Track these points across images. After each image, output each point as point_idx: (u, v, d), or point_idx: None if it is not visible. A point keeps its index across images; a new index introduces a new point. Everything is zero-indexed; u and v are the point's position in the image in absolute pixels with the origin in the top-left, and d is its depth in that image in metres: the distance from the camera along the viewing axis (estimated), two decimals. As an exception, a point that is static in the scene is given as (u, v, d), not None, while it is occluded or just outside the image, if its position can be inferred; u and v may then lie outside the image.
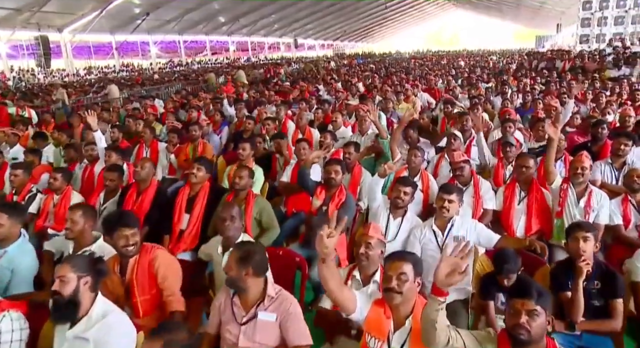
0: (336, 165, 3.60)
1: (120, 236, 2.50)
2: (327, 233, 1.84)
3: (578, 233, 2.61)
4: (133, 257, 2.58)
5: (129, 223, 2.54)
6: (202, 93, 11.64)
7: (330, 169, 3.59)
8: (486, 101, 7.69)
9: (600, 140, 4.66)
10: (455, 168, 3.79)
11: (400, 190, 3.21)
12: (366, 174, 4.35)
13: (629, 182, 3.50)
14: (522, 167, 3.66)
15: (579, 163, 3.50)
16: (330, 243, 1.85)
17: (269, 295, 2.27)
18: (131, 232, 2.52)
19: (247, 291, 2.26)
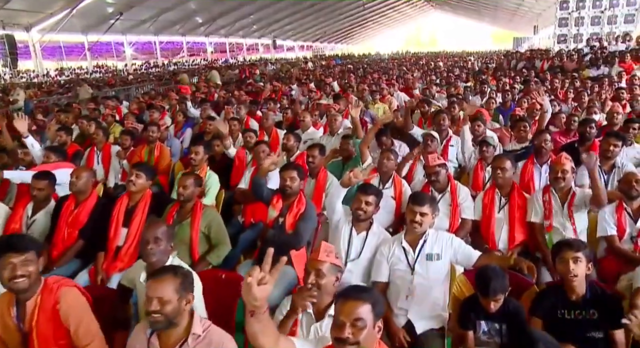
0: (292, 171, 3.15)
1: (5, 265, 1.94)
2: (257, 279, 1.36)
3: (567, 254, 2.23)
4: (31, 296, 2.04)
5: (18, 247, 1.97)
6: (172, 93, 11.05)
7: (285, 176, 3.15)
8: (464, 100, 7.34)
9: (588, 140, 4.33)
10: (430, 173, 3.37)
11: (361, 200, 2.76)
12: (332, 179, 3.91)
13: (626, 188, 3.14)
14: (498, 170, 3.28)
15: (559, 165, 3.14)
16: (261, 293, 1.38)
17: (194, 333, 1.81)
18: (20, 260, 1.94)
19: (176, 327, 1.80)
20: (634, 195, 3.10)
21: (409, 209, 2.63)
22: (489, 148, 3.99)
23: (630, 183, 3.10)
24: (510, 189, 3.32)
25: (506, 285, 2.23)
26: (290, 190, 3.14)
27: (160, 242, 2.31)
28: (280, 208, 3.15)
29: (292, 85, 11.23)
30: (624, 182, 3.17)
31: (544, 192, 3.19)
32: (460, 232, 3.32)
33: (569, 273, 2.19)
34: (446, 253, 2.57)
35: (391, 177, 3.68)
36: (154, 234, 2.31)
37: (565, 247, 2.28)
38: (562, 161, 3.16)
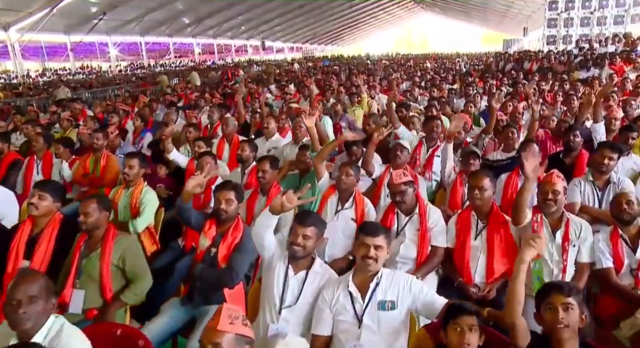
0: (227, 191, 2.62)
1: None
2: None
3: (556, 299, 1.75)
4: None
5: None
6: (142, 96, 10.45)
7: (219, 197, 2.62)
8: (446, 103, 6.85)
9: (573, 150, 3.84)
10: (395, 192, 2.84)
11: (298, 233, 2.22)
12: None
13: (616, 211, 2.67)
14: (475, 190, 2.76)
15: (550, 185, 2.64)
16: None
17: None
18: None
19: None
20: (626, 219, 2.63)
21: (360, 242, 2.10)
22: (476, 161, 3.48)
23: (621, 206, 2.64)
24: (489, 211, 2.81)
25: None
26: (226, 215, 2.60)
27: (37, 301, 1.76)
28: (213, 236, 2.61)
29: (270, 87, 10.69)
30: (614, 204, 2.71)
31: (533, 214, 2.68)
32: (430, 263, 2.81)
33: (558, 323, 1.70)
34: (403, 300, 2.05)
35: (352, 195, 3.15)
36: (28, 292, 1.74)
37: (554, 290, 1.80)
38: (552, 180, 2.67)
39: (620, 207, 2.65)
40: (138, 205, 3.42)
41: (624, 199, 2.66)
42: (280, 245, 2.31)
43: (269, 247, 2.29)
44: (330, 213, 3.14)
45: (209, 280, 2.50)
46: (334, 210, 3.14)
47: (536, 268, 2.61)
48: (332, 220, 3.10)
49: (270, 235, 2.27)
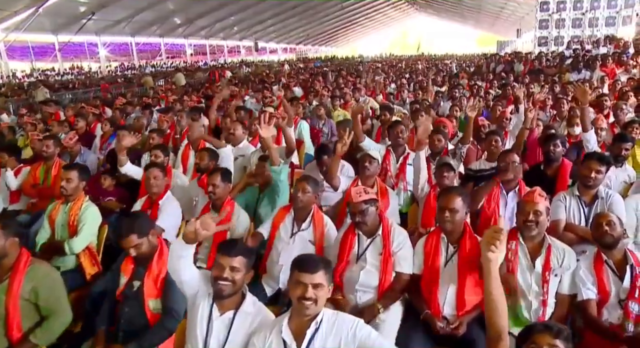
0: None
1: None
2: None
3: (542, 338, 1.53)
4: None
5: None
6: (121, 98, 10.06)
7: None
8: (430, 107, 6.51)
9: (554, 161, 3.52)
10: (355, 212, 2.50)
11: (223, 266, 1.87)
12: (240, 214, 3.04)
13: (597, 234, 2.36)
14: (446, 211, 2.43)
15: (531, 205, 2.32)
16: None
17: None
18: None
19: None
20: (609, 243, 2.31)
21: (295, 280, 1.76)
22: (450, 173, 3.15)
23: (601, 228, 2.33)
24: (462, 234, 2.49)
25: None
26: (140, 258, 2.25)
27: None
28: (132, 270, 2.25)
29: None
30: (593, 227, 2.40)
31: (509, 238, 2.36)
32: (393, 292, 2.48)
33: None
34: (346, 350, 1.71)
35: (309, 214, 2.81)
36: None
37: (541, 330, 1.57)
38: (534, 199, 2.35)
39: (601, 229, 2.33)
40: (76, 223, 3.08)
41: (604, 220, 2.34)
42: (205, 280, 1.96)
43: (190, 282, 1.94)
44: (285, 235, 2.81)
45: (138, 327, 2.15)
46: (290, 232, 2.81)
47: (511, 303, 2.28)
48: (287, 244, 2.77)
49: (188, 268, 1.91)
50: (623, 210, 2.91)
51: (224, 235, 2.98)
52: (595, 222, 2.40)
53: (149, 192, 3.16)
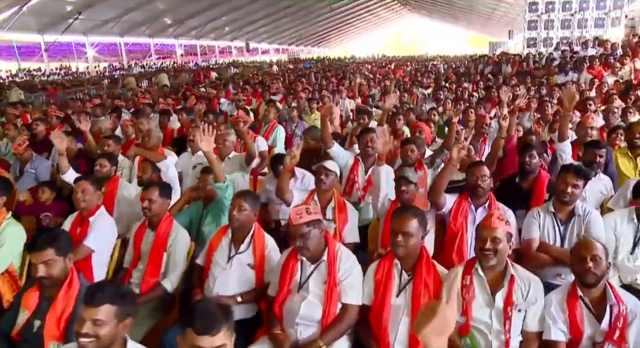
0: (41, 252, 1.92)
1: None
2: None
3: None
4: None
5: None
6: (95, 100, 9.69)
7: (32, 260, 1.94)
8: (410, 110, 6.19)
9: (529, 173, 3.23)
10: (294, 235, 2.19)
11: (82, 319, 1.53)
12: (178, 232, 2.72)
13: (579, 270, 2.02)
14: (399, 235, 2.12)
15: (488, 231, 2.02)
16: None
17: None
18: None
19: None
20: (590, 282, 1.99)
21: (190, 343, 1.43)
22: (409, 187, 2.85)
23: (584, 264, 1.98)
24: (417, 260, 2.18)
25: None
26: (49, 281, 1.92)
27: None
28: (35, 304, 1.93)
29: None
30: (575, 259, 2.06)
31: (464, 273, 2.05)
32: (338, 326, 2.17)
33: None
34: None
35: (249, 234, 2.50)
36: None
37: None
38: (492, 224, 2.05)
39: (584, 265, 1.98)
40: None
41: (588, 254, 2.00)
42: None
43: None
44: (221, 259, 2.49)
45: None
46: (226, 255, 2.49)
47: (468, 344, 1.98)
48: (224, 269, 2.46)
49: None
50: (602, 229, 2.63)
51: (160, 256, 2.67)
52: (578, 254, 2.05)
53: (77, 207, 2.83)
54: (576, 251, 2.06)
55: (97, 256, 2.74)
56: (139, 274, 2.68)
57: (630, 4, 13.39)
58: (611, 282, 2.06)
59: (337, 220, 2.93)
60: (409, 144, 3.69)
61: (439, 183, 2.74)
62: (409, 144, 3.69)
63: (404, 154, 3.65)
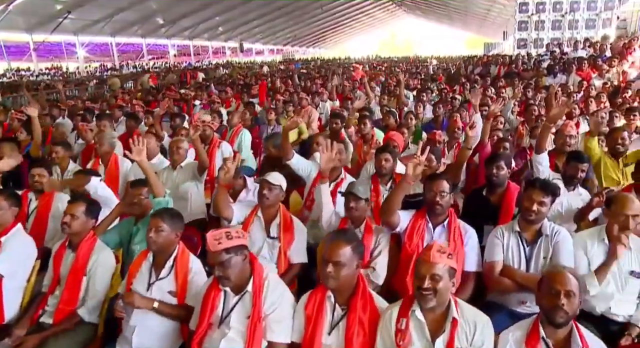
0: None
1: None
2: None
3: None
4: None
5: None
6: (70, 102, 9.35)
7: None
8: (390, 113, 5.88)
9: (498, 185, 2.95)
10: (212, 263, 1.90)
11: None
12: (100, 254, 2.43)
13: (549, 307, 1.74)
14: (329, 265, 1.84)
15: (427, 267, 1.75)
16: None
17: None
18: None
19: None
20: (559, 322, 1.71)
21: None
22: (358, 203, 2.56)
23: (557, 299, 1.70)
24: (353, 292, 1.90)
25: None
26: None
27: None
28: None
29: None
30: (544, 294, 1.78)
31: (400, 311, 1.77)
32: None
33: None
34: None
35: (171, 258, 2.21)
36: None
37: None
38: (430, 258, 1.77)
39: (555, 301, 1.71)
40: None
41: (562, 289, 1.72)
42: None
43: None
44: (141, 287, 2.20)
45: None
46: (146, 282, 2.21)
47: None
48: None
49: None
50: (571, 252, 2.35)
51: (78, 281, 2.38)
52: (550, 287, 1.76)
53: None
54: (547, 283, 1.78)
55: (9, 281, 2.44)
56: (55, 301, 2.39)
57: (621, 5, 13.18)
58: (579, 325, 1.78)
59: (281, 239, 2.64)
60: (383, 152, 3.34)
61: (391, 202, 2.45)
62: (383, 152, 3.34)
63: (378, 164, 3.33)
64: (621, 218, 2.32)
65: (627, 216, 2.31)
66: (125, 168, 4.12)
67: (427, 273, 1.75)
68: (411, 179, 2.36)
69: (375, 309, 1.88)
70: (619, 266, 2.31)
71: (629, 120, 4.95)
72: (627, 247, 2.32)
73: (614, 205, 2.36)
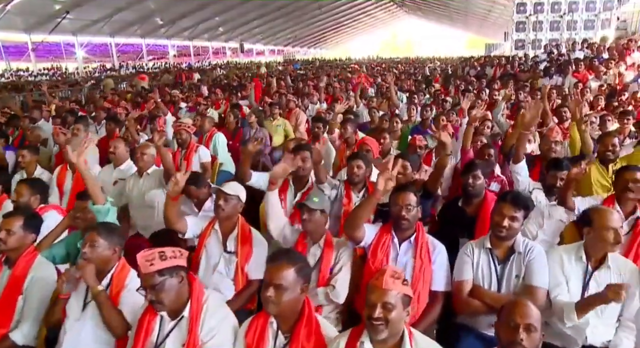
0: None
1: None
2: None
3: None
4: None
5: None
6: (55, 102, 9.19)
7: None
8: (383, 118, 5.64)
9: (474, 196, 2.77)
10: (145, 286, 1.73)
11: None
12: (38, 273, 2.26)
13: (506, 338, 1.57)
14: (269, 288, 1.67)
15: (378, 295, 1.60)
16: None
17: None
18: None
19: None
20: None
21: None
22: (311, 215, 2.37)
23: (515, 334, 1.53)
24: (298, 318, 1.73)
25: None
26: None
27: None
28: None
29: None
30: (502, 322, 1.61)
31: (348, 343, 1.60)
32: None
33: None
34: None
35: (108, 275, 2.04)
36: None
37: None
38: (383, 284, 1.59)
39: (514, 335, 1.54)
40: None
41: (522, 322, 1.55)
42: None
43: None
44: (76, 306, 2.03)
45: None
46: (82, 302, 2.04)
47: None
48: (77, 321, 2.00)
49: None
50: (545, 271, 2.16)
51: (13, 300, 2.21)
52: (509, 319, 1.59)
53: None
54: (507, 314, 1.61)
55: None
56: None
57: (622, 6, 12.96)
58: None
59: (239, 254, 2.47)
60: (355, 159, 3.14)
61: (356, 216, 2.28)
62: (355, 159, 3.14)
63: (349, 171, 3.12)
64: (609, 233, 2.13)
65: (615, 229, 2.13)
66: (94, 174, 3.96)
67: (379, 301, 1.58)
68: (381, 195, 2.18)
69: (321, 338, 1.70)
70: (598, 288, 2.12)
71: (623, 124, 4.77)
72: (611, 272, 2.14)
73: (598, 220, 2.16)
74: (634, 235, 2.57)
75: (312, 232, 2.38)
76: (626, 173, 2.67)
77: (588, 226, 2.17)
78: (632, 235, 2.58)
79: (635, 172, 2.64)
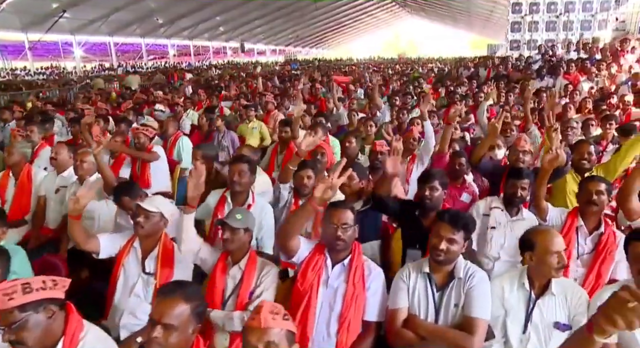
0: None
1: None
2: None
3: None
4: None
5: None
6: (35, 102, 9.01)
7: None
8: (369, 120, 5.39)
9: (431, 208, 2.52)
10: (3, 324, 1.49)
11: None
12: None
13: None
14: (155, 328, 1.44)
15: (258, 335, 1.49)
16: None
17: None
18: None
19: None
20: None
21: None
22: (234, 234, 2.09)
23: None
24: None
25: None
26: None
27: None
28: None
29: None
30: None
31: None
32: None
33: None
34: None
35: None
36: None
37: None
38: (262, 323, 1.37)
39: None
40: None
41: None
42: None
43: None
44: None
45: None
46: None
47: None
48: None
49: None
50: (487, 300, 1.92)
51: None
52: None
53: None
54: None
55: None
56: None
57: (620, 7, 12.67)
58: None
59: (157, 275, 2.23)
60: (304, 168, 2.89)
61: (291, 224, 2.02)
62: (304, 168, 2.89)
63: (298, 182, 2.88)
64: (552, 258, 1.89)
65: (558, 252, 1.89)
66: (39, 180, 3.75)
67: (260, 342, 1.36)
68: (317, 204, 1.93)
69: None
70: (542, 317, 1.89)
71: (605, 129, 4.51)
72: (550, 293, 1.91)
73: (541, 244, 1.92)
74: (596, 253, 2.33)
75: (232, 252, 2.14)
76: (590, 184, 2.44)
77: (529, 251, 1.93)
78: (595, 253, 2.34)
79: (599, 183, 2.41)
